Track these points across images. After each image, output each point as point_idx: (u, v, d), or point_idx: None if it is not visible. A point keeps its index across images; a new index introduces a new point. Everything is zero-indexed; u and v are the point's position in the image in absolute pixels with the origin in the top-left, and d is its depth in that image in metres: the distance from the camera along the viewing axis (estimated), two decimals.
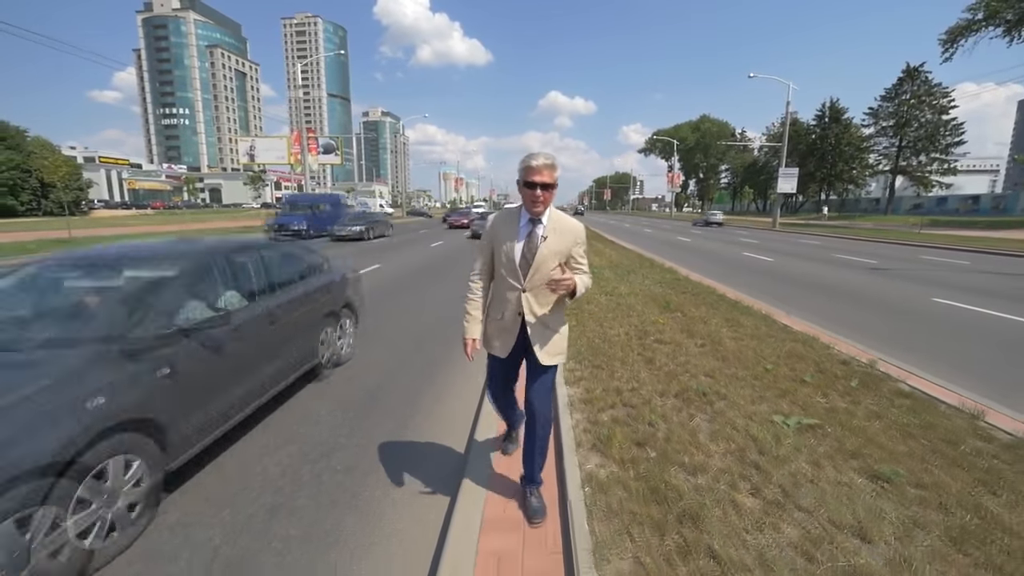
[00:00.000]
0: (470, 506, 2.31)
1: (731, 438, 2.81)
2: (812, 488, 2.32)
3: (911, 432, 2.89)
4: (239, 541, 2.22)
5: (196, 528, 2.30)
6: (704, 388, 3.53)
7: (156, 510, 2.34)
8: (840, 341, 4.93)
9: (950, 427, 2.96)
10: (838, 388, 3.57)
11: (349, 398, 3.85)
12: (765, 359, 4.20)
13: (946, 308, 7.36)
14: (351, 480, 2.72)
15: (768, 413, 3.13)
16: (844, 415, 3.11)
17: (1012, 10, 29.30)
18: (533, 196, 1.94)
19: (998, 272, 11.52)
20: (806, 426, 2.95)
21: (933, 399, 3.43)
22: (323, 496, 2.57)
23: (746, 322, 5.52)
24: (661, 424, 2.99)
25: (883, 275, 10.97)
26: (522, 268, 2.04)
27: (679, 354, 4.36)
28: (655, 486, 2.33)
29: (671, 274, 9.66)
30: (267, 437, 3.19)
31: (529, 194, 1.95)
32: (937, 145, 45.48)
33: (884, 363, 4.19)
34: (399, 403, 3.78)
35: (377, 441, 3.17)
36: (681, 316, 5.83)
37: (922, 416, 3.10)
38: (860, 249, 17.91)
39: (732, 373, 3.87)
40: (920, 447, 2.72)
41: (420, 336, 5.63)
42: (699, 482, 2.37)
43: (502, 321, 2.14)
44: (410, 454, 3.04)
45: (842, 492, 2.29)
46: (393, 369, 4.53)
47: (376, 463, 2.91)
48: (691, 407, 3.26)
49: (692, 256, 15.12)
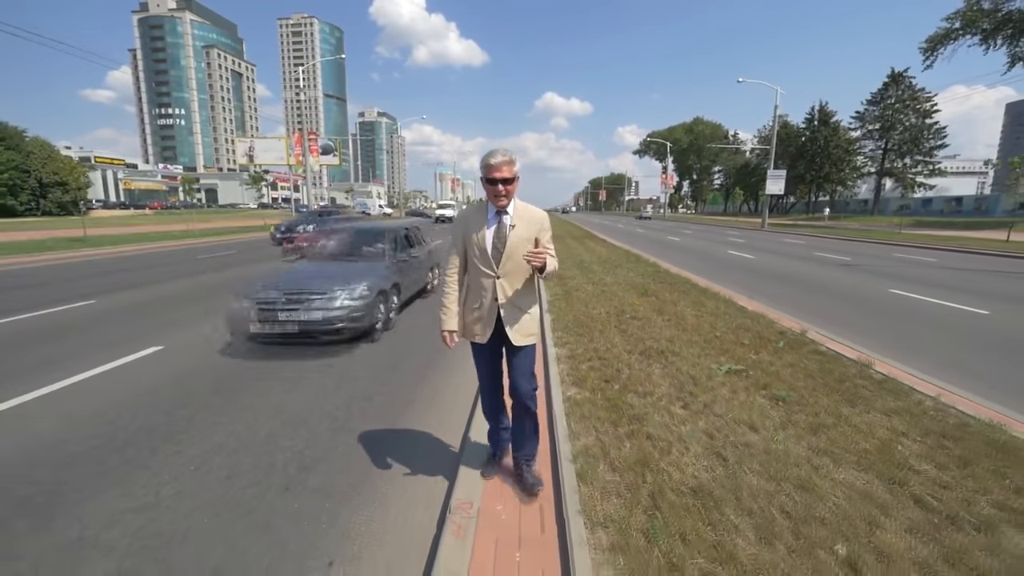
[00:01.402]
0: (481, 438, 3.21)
1: (676, 377, 3.75)
2: (726, 403, 3.27)
3: (811, 374, 3.85)
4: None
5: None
6: (663, 348, 4.48)
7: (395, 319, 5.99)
8: (784, 317, 5.90)
9: (842, 372, 3.92)
10: (768, 348, 4.53)
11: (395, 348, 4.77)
12: (716, 329, 5.17)
13: (898, 298, 8.31)
14: (389, 413, 3.65)
15: (707, 363, 4.08)
16: (765, 364, 4.06)
17: (988, 20, 30.61)
18: (496, 191, 2.12)
19: (958, 268, 12.50)
20: (733, 370, 3.90)
21: (840, 355, 4.40)
22: (369, 423, 3.49)
23: (709, 304, 6.49)
24: (625, 370, 3.93)
25: (852, 270, 11.94)
26: (494, 256, 2.19)
27: (648, 327, 5.30)
28: (615, 403, 3.27)
29: (653, 268, 10.63)
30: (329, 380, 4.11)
31: (492, 190, 2.12)
32: (921, 148, 46.93)
33: (813, 332, 5.16)
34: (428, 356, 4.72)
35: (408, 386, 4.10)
36: (655, 300, 6.79)
37: (825, 365, 4.06)
38: (840, 248, 18.88)
39: (687, 339, 4.82)
40: (814, 382, 3.68)
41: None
42: (646, 401, 3.31)
43: (480, 309, 2.26)
44: (432, 396, 3.96)
45: (746, 405, 3.24)
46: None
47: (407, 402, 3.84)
48: (650, 360, 4.20)
49: (679, 253, 16.09)
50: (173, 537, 2.22)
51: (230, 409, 3.61)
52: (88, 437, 3.17)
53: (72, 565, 2.04)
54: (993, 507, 2.17)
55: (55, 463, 2.86)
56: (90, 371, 4.38)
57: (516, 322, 2.26)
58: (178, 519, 2.34)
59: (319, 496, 2.55)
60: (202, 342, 5.37)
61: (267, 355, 4.87)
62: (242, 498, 2.52)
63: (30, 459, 2.92)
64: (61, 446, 3.06)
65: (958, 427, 2.94)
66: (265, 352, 4.95)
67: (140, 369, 4.53)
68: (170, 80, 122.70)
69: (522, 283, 2.26)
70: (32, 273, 10.96)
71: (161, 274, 10.77)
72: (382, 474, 2.77)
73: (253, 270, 11.25)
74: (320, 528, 2.30)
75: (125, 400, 3.78)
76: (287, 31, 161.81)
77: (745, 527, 2.04)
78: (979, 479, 2.38)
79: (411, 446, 3.11)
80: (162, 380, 4.24)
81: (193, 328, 5.99)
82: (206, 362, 4.72)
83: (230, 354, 4.93)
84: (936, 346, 5.28)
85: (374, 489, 2.62)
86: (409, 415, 3.56)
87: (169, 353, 5.01)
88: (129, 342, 5.29)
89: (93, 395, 3.90)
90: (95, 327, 6.08)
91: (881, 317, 6.69)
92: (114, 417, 3.46)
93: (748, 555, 1.86)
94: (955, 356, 4.90)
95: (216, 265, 12.45)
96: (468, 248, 2.27)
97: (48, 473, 2.75)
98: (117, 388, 4.05)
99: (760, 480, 2.37)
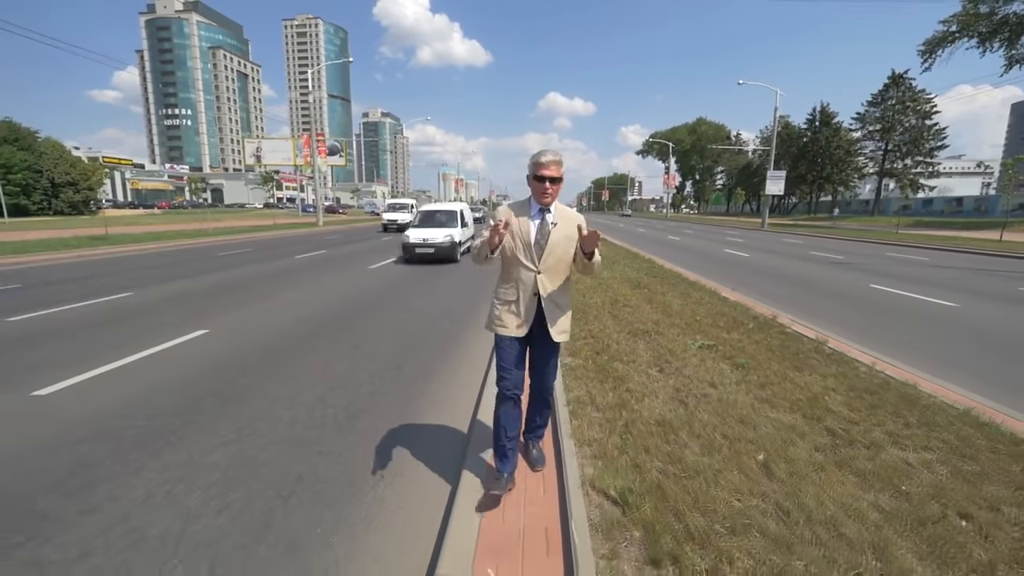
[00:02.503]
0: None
1: (656, 351, 4.45)
2: (694, 368, 3.97)
3: (772, 348, 4.54)
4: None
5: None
6: (648, 329, 5.18)
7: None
8: (759, 305, 6.59)
9: (799, 347, 4.61)
10: (739, 329, 5.22)
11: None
12: (697, 315, 5.86)
13: (878, 292, 8.95)
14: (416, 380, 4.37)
15: (685, 340, 4.77)
16: (734, 341, 4.76)
17: (985, 23, 31.10)
18: (543, 189, 2.21)
19: (947, 266, 13.06)
20: (705, 345, 4.60)
21: (801, 335, 5.09)
22: (403, 391, 4.20)
23: (695, 295, 7.18)
24: (614, 346, 4.63)
25: (842, 268, 12.57)
26: (536, 251, 2.27)
27: (638, 313, 6.00)
28: (603, 368, 3.97)
29: (649, 264, 11.33)
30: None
31: (539, 187, 2.21)
32: (921, 149, 47.39)
33: (783, 317, 5.85)
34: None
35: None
36: (646, 291, 7.49)
37: (786, 342, 4.75)
38: (836, 247, 19.41)
39: (671, 322, 5.52)
40: (772, 354, 4.37)
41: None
42: (629, 367, 4.02)
43: (517, 303, 2.32)
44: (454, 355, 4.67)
45: (710, 370, 3.94)
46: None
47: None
48: (636, 339, 4.89)
49: (677, 252, 16.76)
50: (259, 459, 2.92)
51: (280, 376, 4.33)
52: (170, 396, 3.88)
53: (188, 477, 2.75)
54: (884, 435, 2.86)
55: (151, 414, 3.57)
56: (152, 348, 5.10)
57: (556, 318, 2.35)
58: (260, 449, 3.05)
59: (367, 434, 3.25)
60: (243, 326, 6.10)
61: (305, 334, 5.59)
62: (306, 436, 3.22)
63: (132, 409, 3.64)
64: (152, 399, 3.78)
65: (879, 385, 3.63)
66: (303, 330, 5.68)
67: (193, 347, 5.24)
68: (177, 81, 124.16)
69: (561, 280, 2.36)
70: (65, 269, 11.73)
71: (189, 270, 11.55)
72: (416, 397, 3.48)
73: (274, 266, 12.00)
74: (368, 453, 3.01)
75: (189, 370, 4.50)
76: (292, 32, 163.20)
77: (693, 444, 2.73)
78: (880, 419, 3.06)
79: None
80: (217, 355, 4.96)
81: (232, 315, 6.72)
82: (251, 342, 5.44)
83: (270, 335, 5.65)
84: (896, 332, 5.95)
85: (416, 415, 3.33)
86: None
87: (215, 335, 5.72)
88: (176, 326, 5.99)
89: (163, 366, 4.62)
90: (141, 315, 6.80)
91: (858, 310, 7.34)
92: (184, 383, 4.18)
93: (692, 460, 2.56)
94: (912, 340, 5.57)
95: (238, 262, 13.21)
96: (509, 241, 2.29)
97: (147, 420, 3.47)
98: (180, 362, 4.77)
99: (710, 417, 3.07)
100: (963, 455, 2.63)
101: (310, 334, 5.64)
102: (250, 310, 7.06)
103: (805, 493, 2.24)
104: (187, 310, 7.09)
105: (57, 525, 2.29)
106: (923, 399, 3.37)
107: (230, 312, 6.90)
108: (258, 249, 16.82)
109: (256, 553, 2.13)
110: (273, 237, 22.57)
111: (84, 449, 3.01)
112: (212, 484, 2.64)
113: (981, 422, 3.02)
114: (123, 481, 2.67)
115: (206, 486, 2.62)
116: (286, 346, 5.24)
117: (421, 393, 3.98)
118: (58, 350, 5.07)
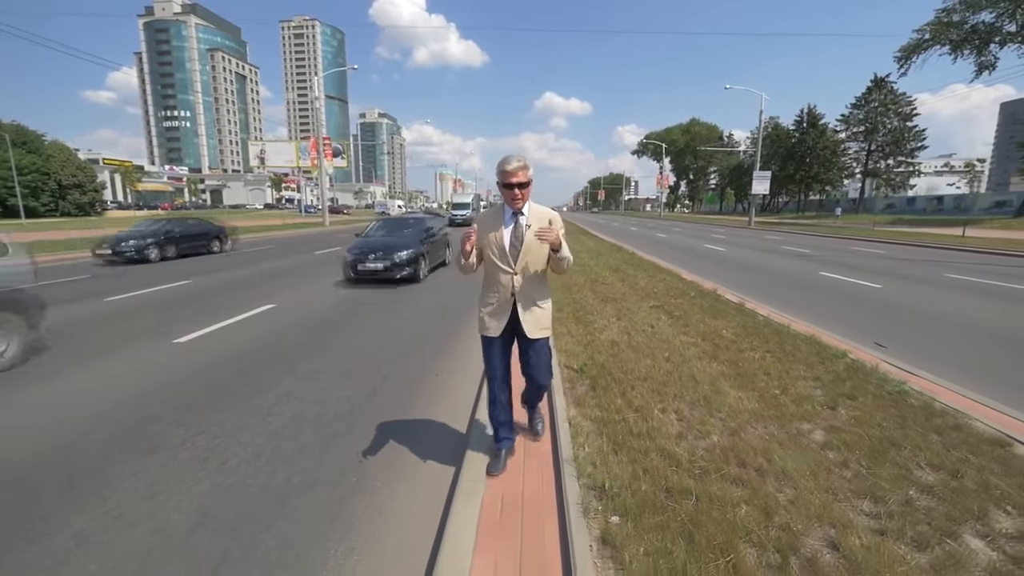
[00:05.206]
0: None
1: (618, 309, 6.18)
2: (642, 317, 5.71)
3: (703, 308, 6.27)
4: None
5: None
6: (616, 297, 6.91)
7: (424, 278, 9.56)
8: (707, 283, 8.31)
9: (722, 307, 6.34)
10: (684, 297, 6.97)
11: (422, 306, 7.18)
12: (655, 289, 7.60)
13: (823, 278, 10.54)
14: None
15: (641, 304, 6.48)
16: (677, 304, 6.49)
17: (956, 31, 33.03)
18: (512, 195, 2.28)
19: (899, 258, 14.09)
20: (655, 306, 6.31)
21: (728, 300, 6.81)
22: (410, 377, 5.89)
23: (660, 276, 8.94)
24: (589, 306, 6.36)
25: (804, 259, 14.11)
26: (511, 254, 2.36)
27: (610, 289, 7.72)
28: (580, 318, 5.71)
29: (630, 255, 13.09)
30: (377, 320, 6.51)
31: (508, 194, 2.28)
32: (903, 149, 49.39)
33: (722, 290, 7.57)
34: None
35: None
36: (621, 274, 9.24)
37: (716, 305, 6.47)
38: (809, 243, 20.67)
39: (634, 294, 7.25)
40: (700, 311, 6.08)
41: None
42: (597, 318, 5.74)
43: (496, 304, 2.44)
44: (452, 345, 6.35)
45: (652, 318, 5.66)
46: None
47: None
48: (606, 305, 6.60)
49: (660, 247, 18.44)
50: (332, 398, 4.59)
51: (342, 334, 5.97)
52: (255, 353, 5.36)
53: (315, 377, 4.43)
54: (747, 346, 4.59)
55: (259, 350, 5.23)
56: (238, 316, 6.70)
57: (532, 315, 2.43)
58: (335, 386, 4.72)
59: (413, 365, 4.93)
60: (302, 302, 7.76)
61: (347, 311, 7.27)
62: (374, 359, 4.90)
63: (246, 350, 5.29)
64: (257, 342, 5.44)
65: (763, 324, 5.36)
66: (345, 306, 7.35)
67: (269, 315, 6.88)
68: (175, 83, 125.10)
69: (537, 279, 2.45)
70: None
71: (226, 263, 13.18)
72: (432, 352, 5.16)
73: (302, 259, 13.64)
74: (422, 366, 4.69)
75: (268, 333, 6.03)
76: (289, 33, 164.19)
77: (628, 351, 4.45)
78: (753, 342, 4.78)
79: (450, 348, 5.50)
80: (289, 319, 6.62)
81: (290, 294, 8.39)
82: (311, 311, 7.11)
83: (323, 307, 7.32)
84: (815, 303, 7.65)
85: (434, 366, 5.01)
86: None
87: (281, 309, 7.33)
88: (245, 304, 7.50)
89: (252, 326, 6.28)
90: (212, 295, 8.42)
91: (798, 290, 9.00)
92: (273, 335, 5.83)
93: (624, 355, 4.26)
94: (824, 308, 7.20)
95: (265, 257, 14.84)
96: (486, 247, 2.40)
97: (262, 355, 5.13)
98: (264, 323, 6.41)
99: (643, 339, 4.80)
100: (787, 353, 4.35)
101: (351, 312, 7.30)
102: (300, 292, 8.72)
103: (685, 368, 3.96)
104: (247, 292, 8.71)
105: (241, 397, 3.99)
106: (786, 331, 5.09)
107: (287, 292, 8.57)
108: (279, 247, 18.38)
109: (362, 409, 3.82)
110: (289, 236, 24.16)
111: (223, 371, 4.70)
112: (331, 385, 4.34)
113: (813, 339, 4.76)
114: (266, 386, 4.36)
115: (329, 387, 4.33)
116: (337, 314, 6.93)
117: (455, 332, 5.66)
118: (166, 317, 6.69)
